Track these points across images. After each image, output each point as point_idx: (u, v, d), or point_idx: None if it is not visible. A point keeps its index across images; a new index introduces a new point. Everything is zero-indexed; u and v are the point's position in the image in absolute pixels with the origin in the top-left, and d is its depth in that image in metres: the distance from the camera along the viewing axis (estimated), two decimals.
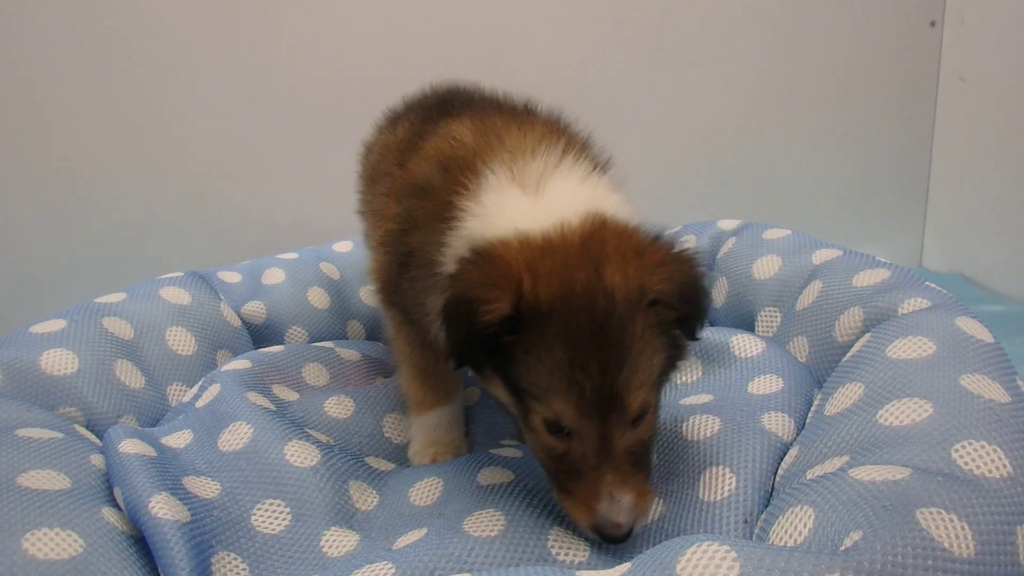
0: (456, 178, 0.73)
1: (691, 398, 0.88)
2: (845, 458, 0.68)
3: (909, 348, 0.77)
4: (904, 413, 0.69)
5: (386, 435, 0.92)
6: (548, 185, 0.71)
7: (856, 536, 0.54)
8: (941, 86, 1.75)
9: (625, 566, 0.56)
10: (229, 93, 1.54)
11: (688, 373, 0.94)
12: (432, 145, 0.82)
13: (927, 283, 0.89)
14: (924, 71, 1.74)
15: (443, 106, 0.93)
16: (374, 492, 0.81)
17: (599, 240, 0.67)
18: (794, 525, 0.62)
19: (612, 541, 0.66)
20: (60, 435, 0.75)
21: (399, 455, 0.91)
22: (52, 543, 0.59)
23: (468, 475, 0.79)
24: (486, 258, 0.66)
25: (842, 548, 0.54)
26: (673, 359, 0.70)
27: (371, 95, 1.35)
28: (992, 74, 1.62)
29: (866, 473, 0.62)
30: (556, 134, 0.79)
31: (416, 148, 0.84)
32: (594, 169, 0.77)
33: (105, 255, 1.57)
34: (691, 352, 0.80)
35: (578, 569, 0.62)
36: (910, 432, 0.66)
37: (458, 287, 0.65)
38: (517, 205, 0.70)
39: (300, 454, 0.79)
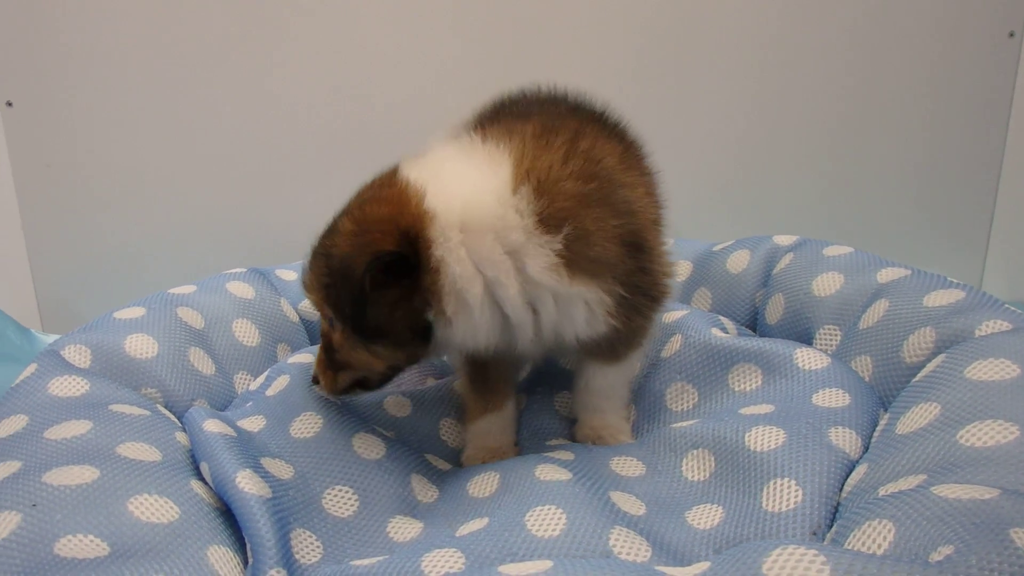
0: None
1: (751, 408, 0.91)
2: (922, 477, 0.69)
3: (990, 370, 0.76)
4: (987, 435, 0.69)
5: (443, 438, 1.00)
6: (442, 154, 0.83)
7: (947, 550, 0.55)
8: (1016, 100, 1.73)
9: (703, 565, 0.58)
10: (281, 98, 1.64)
11: (747, 381, 0.97)
12: None
13: (1006, 305, 0.89)
14: (1000, 84, 1.71)
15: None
16: (434, 487, 0.88)
17: (382, 197, 0.79)
18: (872, 538, 0.62)
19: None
20: (147, 413, 0.85)
21: (455, 458, 0.98)
22: (153, 508, 0.69)
23: (525, 470, 0.84)
24: None
25: (931, 560, 0.55)
26: (341, 310, 0.81)
27: (415, 104, 1.45)
28: None
29: (950, 491, 0.62)
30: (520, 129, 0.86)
31: None
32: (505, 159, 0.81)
33: (169, 250, 1.70)
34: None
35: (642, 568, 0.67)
36: (994, 454, 0.67)
37: None
38: None
39: (367, 446, 0.87)
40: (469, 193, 0.77)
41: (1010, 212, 1.79)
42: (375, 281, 0.75)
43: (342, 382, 0.88)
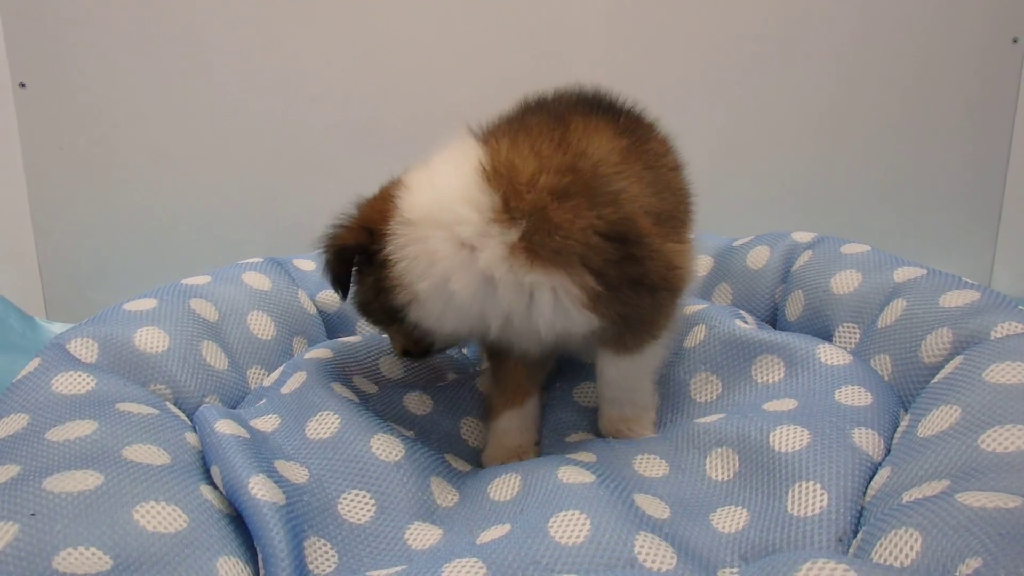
0: None
1: (774, 403, 0.87)
2: (946, 482, 0.67)
3: (1008, 373, 0.75)
4: (1008, 440, 0.67)
5: (463, 437, 0.93)
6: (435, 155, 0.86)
7: (975, 563, 0.53)
8: (1020, 104, 1.71)
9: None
10: (300, 83, 1.58)
11: (770, 373, 0.93)
12: None
13: (1020, 307, 0.87)
14: (1004, 89, 1.70)
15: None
16: (454, 490, 0.82)
17: (376, 198, 0.85)
18: (899, 547, 0.60)
19: None
20: (156, 411, 0.77)
21: (475, 459, 0.92)
22: (159, 516, 0.61)
23: (547, 472, 0.79)
24: None
25: (959, 573, 0.53)
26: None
27: (434, 92, 1.37)
28: None
29: (975, 499, 0.60)
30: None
31: None
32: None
33: (183, 237, 1.63)
34: None
35: None
36: (1016, 460, 0.65)
37: None
38: None
39: (386, 448, 0.80)
40: (432, 190, 0.80)
41: (1017, 208, 1.77)
42: (343, 270, 0.85)
43: (398, 350, 0.96)
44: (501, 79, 1.57)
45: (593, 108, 0.92)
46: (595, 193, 0.79)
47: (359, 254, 0.83)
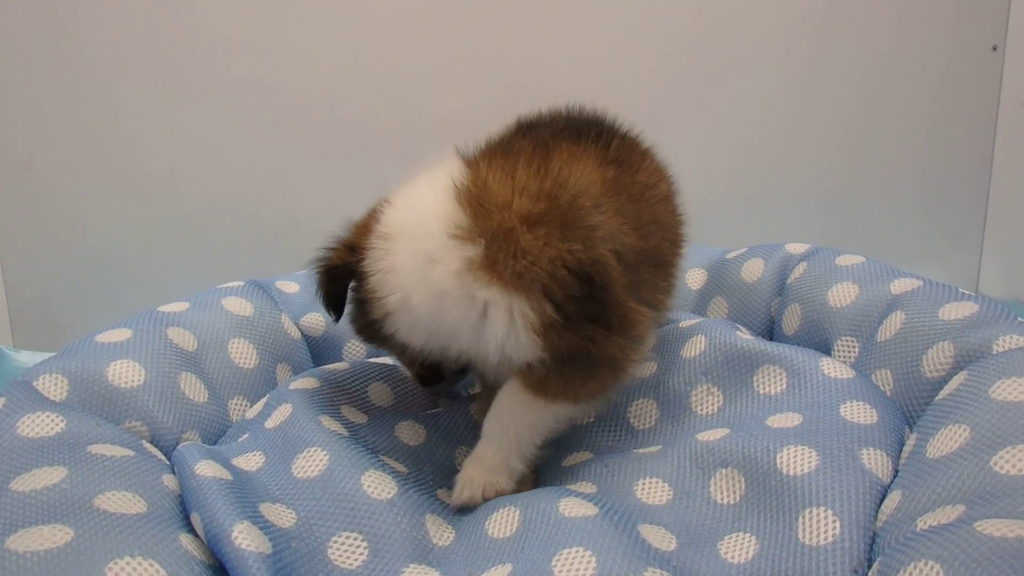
0: None
1: (778, 417, 0.84)
2: (961, 507, 0.65)
3: (1014, 390, 0.74)
4: (1021, 461, 0.66)
5: (459, 467, 0.88)
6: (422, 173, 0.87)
7: None
8: (1001, 111, 1.73)
9: None
10: (277, 107, 1.55)
11: (772, 384, 0.90)
12: None
13: (1020, 320, 0.87)
14: (984, 96, 1.72)
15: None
16: (449, 527, 0.78)
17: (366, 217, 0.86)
18: None
19: None
20: (131, 453, 0.72)
21: None
22: (136, 573, 0.56)
23: (547, 505, 0.75)
24: None
25: None
26: None
27: (414, 107, 1.34)
28: None
29: (994, 528, 0.59)
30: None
31: None
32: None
33: (157, 257, 1.58)
34: None
35: None
36: None
37: None
38: None
39: (377, 485, 0.75)
40: (408, 206, 0.82)
41: (1001, 214, 1.79)
42: (336, 292, 0.85)
43: (412, 376, 0.98)
44: (493, 94, 1.55)
45: (582, 134, 0.91)
46: (569, 225, 0.78)
47: (348, 273, 0.83)
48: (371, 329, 0.84)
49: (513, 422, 0.84)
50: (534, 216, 0.77)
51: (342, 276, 0.84)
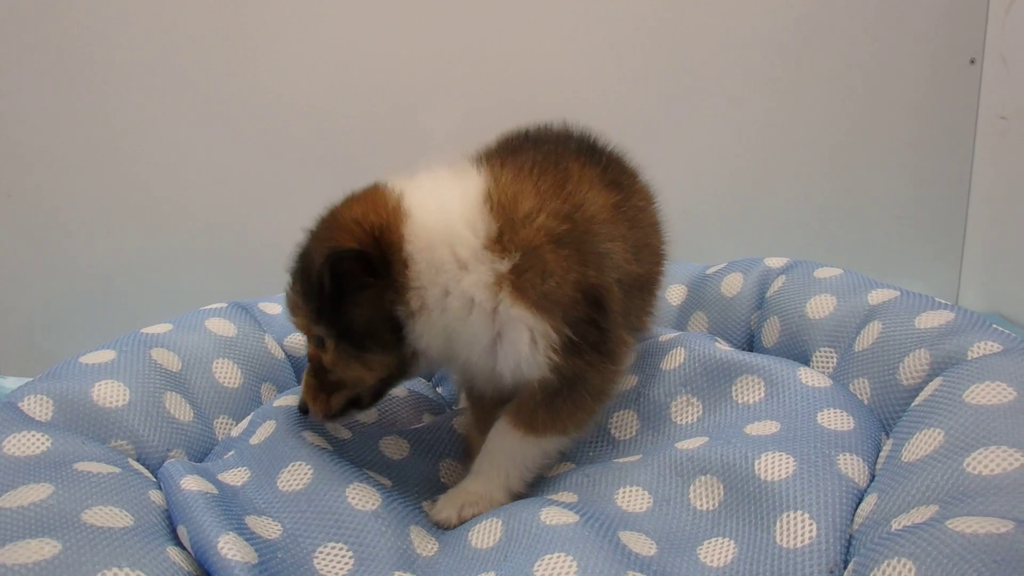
0: None
1: (756, 425, 0.87)
2: (934, 508, 0.67)
3: (987, 394, 0.76)
4: (993, 462, 0.68)
5: (442, 480, 0.92)
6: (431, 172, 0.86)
7: None
8: (980, 124, 1.76)
9: None
10: (259, 130, 1.58)
11: (750, 394, 0.93)
12: None
13: (994, 326, 0.90)
14: (962, 109, 1.75)
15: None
16: (433, 539, 0.80)
17: (359, 203, 0.82)
18: None
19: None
20: (117, 470, 0.75)
21: None
22: None
23: (529, 515, 0.78)
24: None
25: None
26: (331, 319, 0.81)
27: (398, 132, 1.37)
28: None
29: (966, 525, 0.61)
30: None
31: None
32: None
33: (140, 282, 1.60)
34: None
35: None
36: (1003, 482, 0.66)
37: None
38: None
39: (362, 497, 0.78)
40: (437, 204, 0.81)
41: (981, 227, 1.82)
42: (345, 279, 0.78)
43: (336, 404, 0.86)
44: (478, 115, 1.58)
45: (587, 155, 0.93)
46: (586, 250, 0.81)
47: (366, 260, 0.78)
48: (376, 325, 0.80)
49: (504, 462, 0.86)
50: (558, 236, 0.79)
51: (358, 262, 0.78)
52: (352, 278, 0.78)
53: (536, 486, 0.90)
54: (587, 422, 0.89)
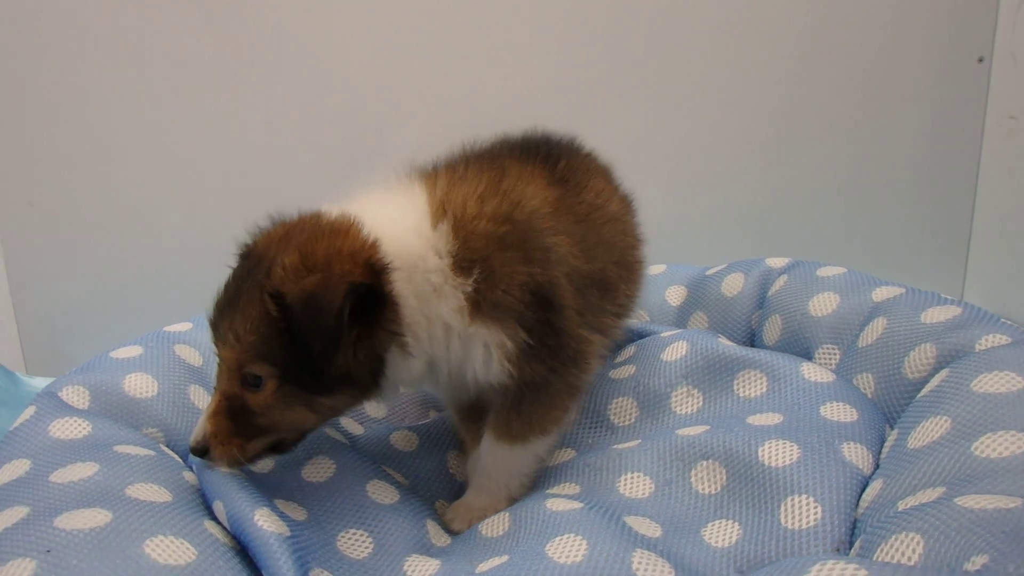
0: None
1: (758, 417, 0.91)
2: (941, 489, 0.70)
3: (996, 383, 0.78)
4: (1002, 445, 0.70)
5: (451, 471, 1.00)
6: (363, 192, 0.85)
7: (982, 559, 0.56)
8: (988, 124, 1.78)
9: None
10: (271, 131, 1.65)
11: (752, 388, 0.97)
12: None
13: (1002, 320, 0.92)
14: (970, 109, 1.77)
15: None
16: (446, 535, 0.88)
17: (318, 233, 0.79)
18: (900, 551, 0.63)
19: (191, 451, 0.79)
20: (152, 453, 0.84)
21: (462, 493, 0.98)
22: (169, 550, 0.68)
23: (535, 505, 0.84)
24: None
25: (967, 569, 0.56)
26: (294, 362, 0.76)
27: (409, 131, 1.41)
28: None
29: (974, 502, 0.63)
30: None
31: None
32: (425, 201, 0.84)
33: (159, 288, 1.69)
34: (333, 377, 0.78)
35: None
36: (1011, 464, 0.68)
37: None
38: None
39: (381, 492, 0.87)
40: (398, 229, 0.80)
41: (987, 229, 1.84)
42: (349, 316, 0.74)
43: (253, 450, 0.80)
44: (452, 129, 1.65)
45: (529, 153, 0.96)
46: (529, 248, 0.83)
47: (371, 293, 0.77)
48: (359, 366, 0.78)
49: (500, 475, 0.91)
50: (500, 239, 0.81)
51: (363, 296, 0.76)
52: (356, 315, 0.75)
53: (538, 477, 0.95)
54: (563, 418, 0.92)
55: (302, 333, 0.73)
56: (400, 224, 0.81)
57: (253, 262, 0.80)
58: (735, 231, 1.81)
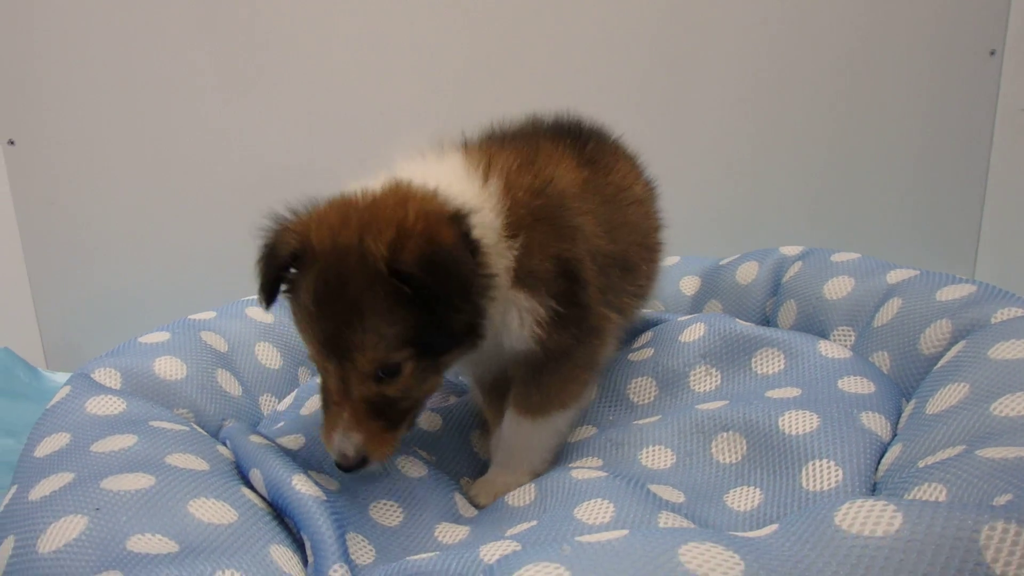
0: None
1: (777, 391, 0.95)
2: (961, 447, 0.72)
3: (1014, 350, 0.81)
4: (1021, 404, 0.72)
5: (475, 450, 1.04)
6: (398, 163, 0.89)
7: (1007, 497, 0.58)
8: (999, 117, 1.85)
9: (771, 528, 0.60)
10: (287, 131, 1.72)
11: (770, 365, 1.01)
12: None
13: (1018, 295, 0.95)
14: (982, 101, 1.84)
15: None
16: (472, 508, 0.93)
17: (382, 205, 0.80)
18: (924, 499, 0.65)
19: (344, 470, 0.82)
20: (186, 428, 0.89)
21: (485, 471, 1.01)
22: (212, 510, 0.72)
23: (560, 475, 0.88)
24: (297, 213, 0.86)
25: (993, 504, 0.58)
26: (429, 331, 0.78)
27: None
28: None
29: (995, 452, 0.66)
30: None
31: None
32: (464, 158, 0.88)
33: (178, 287, 1.76)
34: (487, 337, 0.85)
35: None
36: None
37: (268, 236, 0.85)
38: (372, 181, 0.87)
39: (410, 466, 0.91)
40: (454, 189, 0.84)
41: (998, 221, 1.89)
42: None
43: (402, 433, 0.86)
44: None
45: (560, 135, 1.01)
46: (560, 224, 0.88)
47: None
48: (473, 317, 0.82)
49: (523, 450, 0.96)
50: (535, 212, 0.86)
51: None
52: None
53: (561, 453, 0.99)
54: (582, 393, 0.96)
55: (442, 294, 0.76)
56: (456, 185, 0.84)
57: (333, 264, 0.78)
58: (748, 221, 1.86)
